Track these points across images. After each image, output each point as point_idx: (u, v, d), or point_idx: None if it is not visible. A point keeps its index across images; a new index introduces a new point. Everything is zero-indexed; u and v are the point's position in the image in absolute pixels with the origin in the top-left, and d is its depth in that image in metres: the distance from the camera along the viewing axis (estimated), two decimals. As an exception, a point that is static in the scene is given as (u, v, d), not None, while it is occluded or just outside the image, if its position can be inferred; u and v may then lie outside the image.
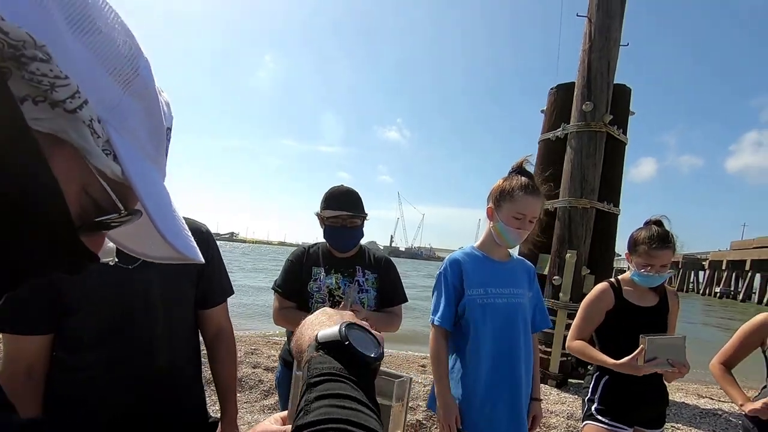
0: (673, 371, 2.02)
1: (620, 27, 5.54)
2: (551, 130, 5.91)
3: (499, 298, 1.93)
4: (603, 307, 2.23)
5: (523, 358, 1.93)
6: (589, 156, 5.41)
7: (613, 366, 2.08)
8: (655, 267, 2.12)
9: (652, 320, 2.18)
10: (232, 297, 1.61)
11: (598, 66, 5.41)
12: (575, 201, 5.40)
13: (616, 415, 2.14)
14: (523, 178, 1.91)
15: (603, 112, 5.40)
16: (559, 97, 5.99)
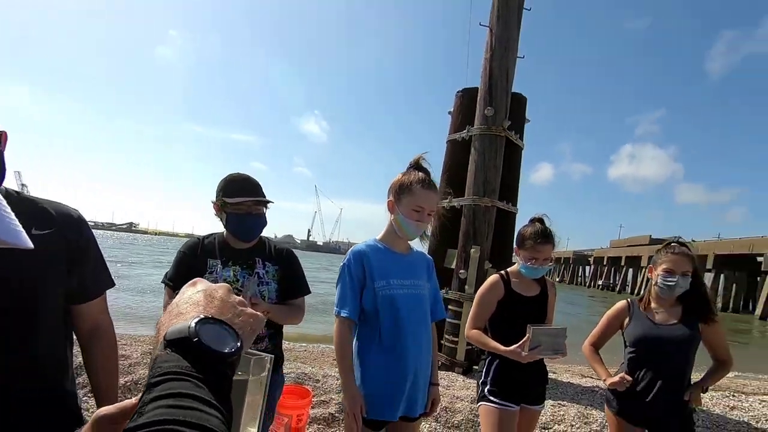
0: (553, 358, 2.29)
1: (517, 39, 6.04)
2: (458, 131, 6.29)
3: (401, 289, 1.98)
4: (495, 297, 2.41)
5: (424, 346, 2.01)
6: (491, 158, 5.83)
7: (502, 352, 2.27)
8: (539, 260, 2.34)
9: (536, 308, 2.42)
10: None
11: (498, 74, 5.84)
12: (479, 200, 5.79)
13: (506, 395, 2.32)
14: (421, 173, 1.99)
15: (502, 118, 5.85)
16: (465, 100, 6.39)
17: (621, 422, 2.38)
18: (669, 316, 2.34)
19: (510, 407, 2.32)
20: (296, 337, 9.08)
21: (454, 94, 6.65)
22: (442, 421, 4.01)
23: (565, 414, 4.46)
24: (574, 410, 4.58)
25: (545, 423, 4.25)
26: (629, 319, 2.44)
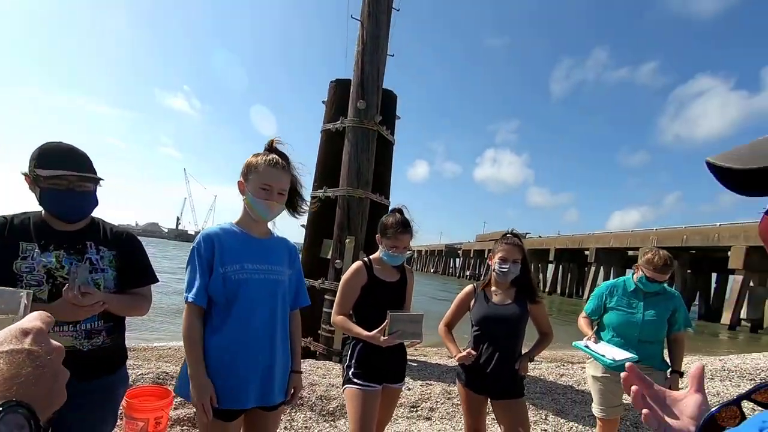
0: (411, 343, 2.46)
1: (387, 37, 6.28)
2: (331, 122, 6.35)
3: (256, 274, 1.90)
4: (359, 282, 2.47)
5: (279, 333, 1.95)
6: (364, 151, 6.00)
7: (364, 337, 2.36)
8: (399, 248, 2.46)
9: (396, 292, 2.55)
10: None
11: (370, 69, 6.02)
12: (353, 191, 5.92)
13: (368, 377, 2.40)
14: (272, 155, 1.97)
15: (374, 113, 6.05)
16: (338, 91, 6.47)
17: (468, 392, 2.67)
18: (505, 297, 2.66)
19: (373, 387, 2.41)
20: (159, 336, 8.54)
21: (329, 84, 6.70)
22: (317, 409, 4.04)
23: (431, 392, 4.79)
24: (439, 388, 4.94)
25: (414, 402, 4.48)
26: (474, 301, 2.73)
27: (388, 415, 2.66)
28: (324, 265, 6.07)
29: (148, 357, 5.61)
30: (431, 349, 8.35)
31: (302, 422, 3.79)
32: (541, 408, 4.72)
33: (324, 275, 6.02)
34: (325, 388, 4.43)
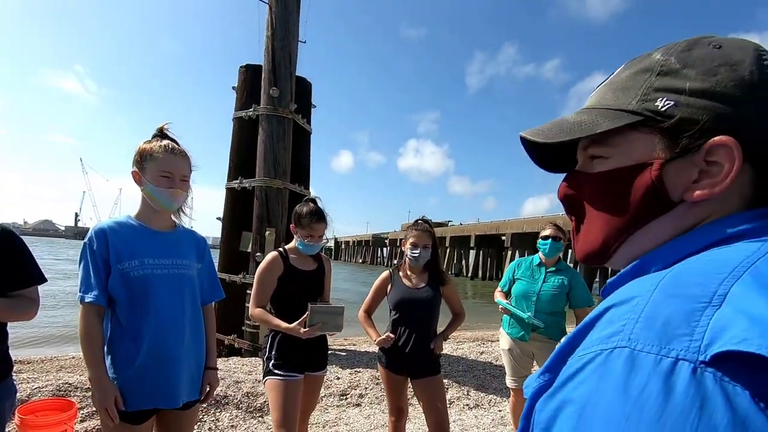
0: (331, 334, 2.48)
1: (297, 23, 6.12)
2: (243, 109, 6.12)
3: (158, 269, 1.80)
4: (275, 273, 2.45)
5: (190, 329, 1.88)
6: (280, 140, 5.84)
7: (283, 330, 2.35)
8: (315, 237, 2.46)
9: (313, 282, 2.55)
10: None
11: (281, 55, 5.85)
12: (270, 181, 5.75)
13: (289, 366, 2.40)
14: (166, 140, 1.86)
15: (288, 100, 5.90)
16: (249, 77, 6.24)
17: (389, 373, 2.76)
18: (419, 281, 2.76)
19: (294, 377, 2.41)
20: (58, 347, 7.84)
21: (239, 69, 6.45)
22: (244, 407, 3.95)
23: (360, 379, 4.86)
24: (368, 374, 5.02)
25: (344, 390, 4.52)
26: (391, 286, 2.81)
27: (312, 403, 2.67)
28: (244, 258, 5.88)
29: (47, 369, 5.14)
30: (360, 338, 8.44)
31: (228, 421, 3.69)
32: (463, 384, 4.94)
33: (245, 269, 5.83)
34: (252, 384, 4.34)
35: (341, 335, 8.14)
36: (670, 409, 0.29)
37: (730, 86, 0.46)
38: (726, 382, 0.29)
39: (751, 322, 0.30)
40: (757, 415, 0.28)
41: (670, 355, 0.31)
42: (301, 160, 6.47)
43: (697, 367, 0.30)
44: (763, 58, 0.47)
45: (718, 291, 0.34)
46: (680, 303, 0.34)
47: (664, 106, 0.48)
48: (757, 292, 0.33)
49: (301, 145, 6.41)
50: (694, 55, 0.49)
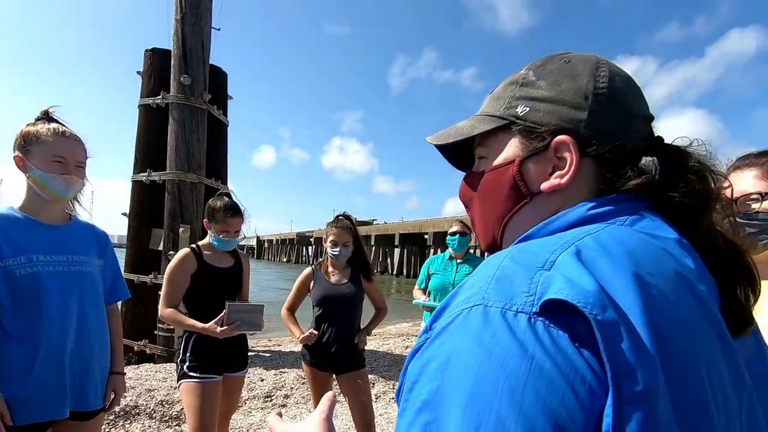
0: (251, 333, 2.43)
1: (209, 8, 5.80)
2: (151, 96, 5.70)
3: (50, 266, 1.63)
4: (187, 271, 2.35)
5: (91, 332, 1.73)
6: (193, 132, 5.50)
7: (199, 330, 2.27)
8: (230, 233, 2.38)
9: (230, 279, 2.47)
10: None
11: (192, 41, 5.51)
12: (183, 175, 5.41)
13: (206, 368, 2.31)
14: (54, 124, 1.68)
15: (202, 90, 5.58)
16: (156, 61, 5.83)
17: (313, 371, 2.75)
18: (342, 277, 2.79)
19: (211, 378, 2.32)
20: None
21: (143, 53, 5.99)
22: (158, 416, 3.73)
23: (285, 379, 4.80)
24: (293, 374, 4.97)
25: (268, 392, 4.41)
26: (314, 283, 2.81)
27: (232, 405, 2.59)
28: (155, 257, 5.48)
29: None
30: (285, 338, 8.31)
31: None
32: (389, 379, 5.01)
33: (156, 269, 5.44)
34: (167, 392, 4.12)
35: (264, 335, 7.97)
36: (513, 352, 0.36)
37: (570, 94, 0.56)
38: (552, 327, 0.37)
39: (564, 279, 0.38)
40: (574, 352, 0.36)
41: (513, 309, 0.38)
42: (218, 154, 6.16)
43: (531, 317, 0.37)
44: (599, 70, 0.56)
45: (550, 258, 0.42)
46: (522, 268, 0.41)
47: (522, 111, 0.58)
48: (574, 259, 0.41)
49: (217, 137, 6.10)
50: (547, 69, 0.59)
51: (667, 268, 0.44)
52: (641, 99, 0.58)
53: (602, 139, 0.54)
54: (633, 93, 0.57)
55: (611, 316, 0.36)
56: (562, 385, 0.34)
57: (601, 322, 0.36)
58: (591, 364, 0.35)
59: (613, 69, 0.57)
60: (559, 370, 0.35)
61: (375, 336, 8.60)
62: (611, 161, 0.54)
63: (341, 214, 2.86)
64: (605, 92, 0.55)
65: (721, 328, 0.45)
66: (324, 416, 0.60)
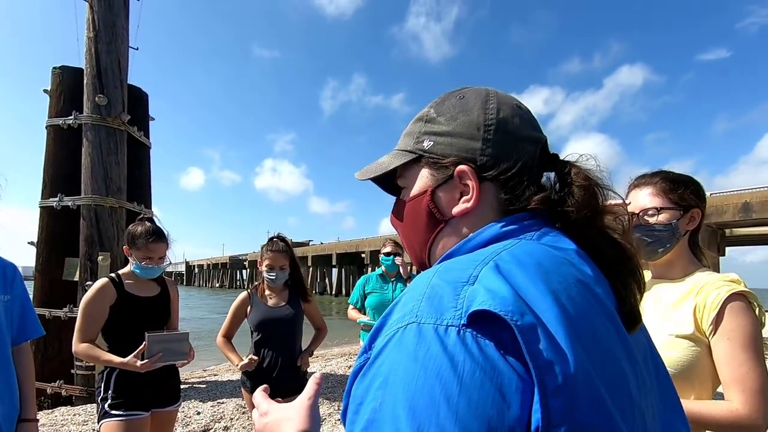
0: (181, 363, 2.29)
1: (126, 27, 5.57)
2: (61, 116, 5.36)
3: None
4: (106, 302, 2.19)
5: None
6: (111, 153, 5.20)
7: (117, 365, 2.12)
8: (154, 259, 2.24)
9: (156, 309, 2.33)
10: None
11: (108, 60, 5.27)
12: (101, 199, 5.08)
13: (131, 405, 2.16)
14: None
15: (120, 110, 5.31)
16: (66, 79, 5.50)
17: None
18: (279, 300, 2.73)
19: (137, 415, 2.16)
20: None
21: (51, 70, 5.61)
22: None
23: (224, 410, 4.60)
24: (232, 404, 4.79)
25: (206, 425, 4.20)
26: (251, 307, 2.73)
27: None
28: (69, 289, 5.07)
29: None
30: (221, 366, 7.96)
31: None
32: (333, 400, 4.96)
33: (71, 301, 5.02)
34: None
35: (197, 365, 7.56)
36: (445, 364, 0.39)
37: (465, 127, 0.62)
38: (479, 338, 0.40)
39: (486, 291, 0.42)
40: (500, 358, 0.39)
41: (443, 323, 0.41)
42: (140, 177, 5.84)
43: (460, 329, 0.40)
44: (488, 103, 0.62)
45: (473, 273, 0.45)
46: (449, 284, 0.45)
47: (428, 145, 0.64)
48: (494, 272, 0.45)
49: (138, 159, 5.80)
50: (445, 105, 0.65)
51: (570, 275, 0.48)
52: (529, 122, 0.63)
53: (496, 163, 0.60)
54: (521, 118, 0.63)
55: (529, 320, 0.40)
56: (491, 390, 0.38)
57: (521, 327, 0.40)
58: (515, 368, 0.39)
59: (501, 99, 0.64)
60: (488, 376, 0.38)
61: (317, 357, 8.46)
62: (508, 182, 0.60)
63: (276, 236, 2.79)
64: (494, 122, 0.61)
65: (618, 324, 0.50)
66: (310, 400, 0.62)
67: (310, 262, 51.71)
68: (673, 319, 1.24)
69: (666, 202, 1.29)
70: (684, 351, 1.19)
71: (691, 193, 1.30)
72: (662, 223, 1.28)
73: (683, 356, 1.18)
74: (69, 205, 5.07)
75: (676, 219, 1.28)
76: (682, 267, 1.33)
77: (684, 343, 1.19)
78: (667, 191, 1.30)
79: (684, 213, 1.29)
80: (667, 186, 1.30)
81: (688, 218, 1.30)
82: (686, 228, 1.31)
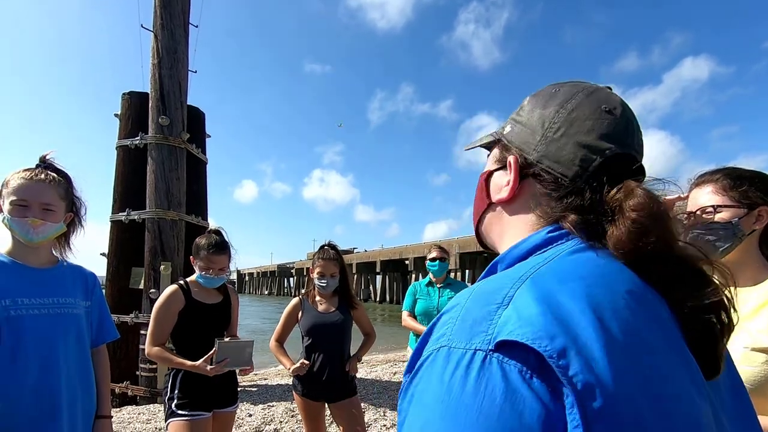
0: (244, 371, 2.40)
1: (186, 51, 5.98)
2: (129, 137, 5.78)
3: (34, 309, 1.61)
4: (175, 308, 2.31)
5: (76, 376, 1.71)
6: (172, 170, 5.58)
7: (188, 368, 2.24)
8: (215, 270, 2.35)
9: (219, 315, 2.45)
10: None
11: (170, 84, 5.66)
12: (163, 213, 5.44)
13: (195, 405, 2.27)
14: (38, 169, 1.69)
15: (180, 130, 5.70)
16: (134, 104, 5.93)
17: (305, 401, 2.74)
18: (329, 306, 2.82)
19: (201, 415, 2.28)
20: None
21: (120, 96, 6.10)
22: None
23: (274, 413, 4.75)
24: (282, 407, 4.94)
25: (257, 426, 4.36)
26: (302, 313, 2.82)
27: None
28: (135, 296, 5.46)
29: None
30: (271, 371, 8.17)
31: (125, 475, 3.39)
32: (379, 406, 5.01)
33: (137, 308, 5.40)
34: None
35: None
36: (468, 387, 0.39)
37: (535, 120, 0.61)
38: (505, 362, 0.39)
39: (518, 318, 0.41)
40: (522, 384, 0.38)
41: (472, 348, 0.41)
42: (198, 191, 6.24)
43: (488, 354, 0.40)
44: (570, 101, 0.59)
45: (509, 293, 0.44)
46: (483, 307, 0.44)
47: (507, 130, 0.65)
48: (529, 292, 0.43)
49: (196, 175, 6.20)
50: (538, 95, 0.63)
51: (618, 284, 0.46)
52: (608, 130, 0.57)
53: (546, 162, 0.58)
54: (598, 122, 0.57)
55: (560, 344, 0.39)
56: (511, 416, 0.37)
57: (550, 352, 0.39)
58: (539, 394, 0.38)
59: (589, 99, 0.59)
60: (509, 402, 0.38)
61: (362, 363, 8.54)
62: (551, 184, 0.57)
63: (327, 244, 2.88)
64: (560, 120, 0.58)
65: (674, 332, 0.47)
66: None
67: (355, 269, 51.62)
68: (748, 330, 1.12)
69: (726, 199, 1.20)
70: (762, 366, 1.08)
71: (757, 189, 1.19)
72: (720, 222, 1.19)
73: (760, 371, 1.08)
74: (135, 218, 5.47)
75: (738, 217, 1.18)
76: (753, 272, 1.21)
77: (761, 357, 1.08)
78: (728, 188, 1.21)
79: (749, 211, 1.18)
80: (729, 183, 1.21)
81: (755, 217, 1.19)
82: (752, 227, 1.19)
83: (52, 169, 1.71)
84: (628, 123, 0.58)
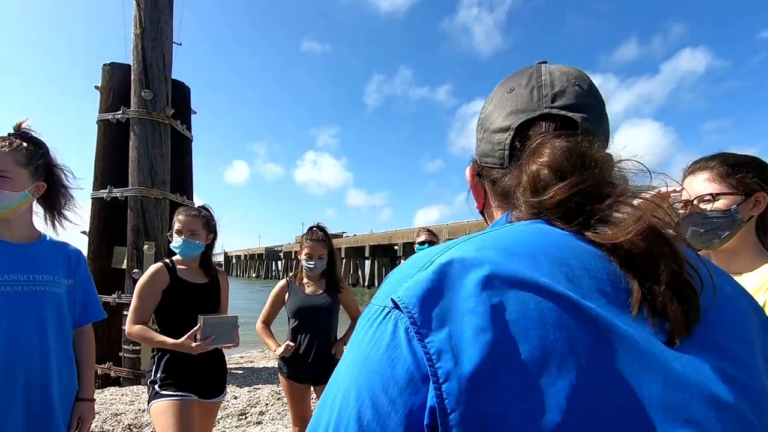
0: (227, 347, 2.28)
1: (170, 23, 5.75)
2: (110, 111, 5.58)
3: (7, 286, 1.53)
4: (159, 286, 2.23)
5: (54, 356, 1.62)
6: (156, 146, 5.40)
7: (170, 346, 2.14)
8: (184, 232, 2.25)
9: (206, 296, 2.34)
10: None
11: (153, 56, 5.44)
12: (146, 191, 5.29)
13: (181, 386, 2.17)
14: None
15: (164, 104, 5.50)
16: (115, 76, 5.71)
17: (291, 383, 2.73)
18: (317, 288, 2.81)
19: (187, 396, 2.17)
20: None
21: (101, 67, 5.86)
22: None
23: (260, 396, 4.75)
24: (268, 390, 4.96)
25: (242, 410, 4.34)
26: (289, 294, 2.80)
27: (207, 430, 2.41)
28: (117, 276, 5.32)
29: None
30: (257, 354, 8.17)
31: (106, 459, 3.30)
32: None
33: (119, 288, 5.27)
34: (134, 415, 4.00)
35: (236, 352, 7.82)
36: (366, 337, 0.43)
37: (476, 130, 0.64)
38: (399, 318, 0.41)
39: (413, 280, 0.42)
40: (405, 339, 0.40)
41: (382, 304, 0.43)
42: (182, 169, 6.07)
43: (391, 311, 0.42)
44: (489, 101, 0.62)
45: (433, 258, 0.44)
46: (408, 269, 0.45)
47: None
48: (445, 257, 0.43)
49: (181, 152, 6.02)
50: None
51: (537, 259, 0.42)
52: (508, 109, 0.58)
53: (483, 160, 0.61)
54: (502, 108, 0.59)
55: (429, 313, 0.39)
56: (386, 365, 0.40)
57: (417, 319, 0.40)
58: (416, 352, 0.39)
59: (501, 87, 0.62)
60: (389, 352, 0.40)
61: (349, 346, 8.55)
62: (495, 176, 0.60)
63: (315, 226, 2.85)
64: (482, 119, 0.62)
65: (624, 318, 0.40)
66: None
67: (344, 254, 52.02)
68: None
69: (723, 187, 1.19)
70: None
71: (754, 176, 1.18)
72: (719, 210, 1.18)
73: None
74: (117, 196, 5.31)
75: (735, 204, 1.17)
76: (749, 258, 1.21)
77: None
78: (725, 175, 1.19)
79: (746, 198, 1.17)
80: (725, 170, 1.20)
81: (752, 203, 1.18)
82: (750, 213, 1.19)
83: (26, 138, 1.58)
84: (533, 89, 0.57)
